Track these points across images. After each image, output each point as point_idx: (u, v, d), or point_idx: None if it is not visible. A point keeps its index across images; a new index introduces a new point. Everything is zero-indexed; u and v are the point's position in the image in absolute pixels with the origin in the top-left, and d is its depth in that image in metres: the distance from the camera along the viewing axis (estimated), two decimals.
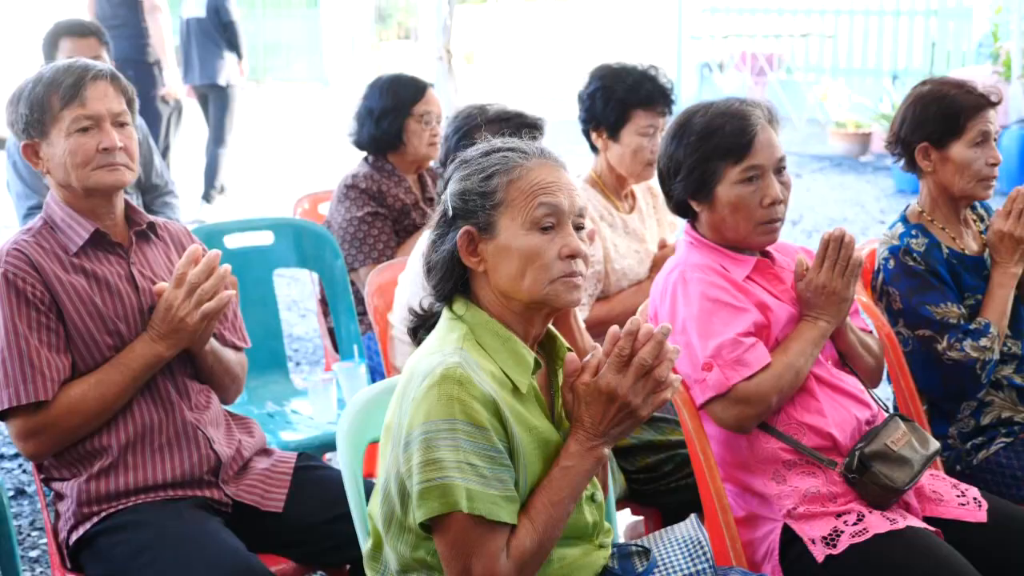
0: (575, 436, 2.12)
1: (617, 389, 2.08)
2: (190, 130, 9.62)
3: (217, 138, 9.28)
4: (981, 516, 2.66)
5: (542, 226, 2.11)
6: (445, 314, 2.19)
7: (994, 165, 3.08)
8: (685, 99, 16.09)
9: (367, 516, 2.25)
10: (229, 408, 3.02)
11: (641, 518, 3.31)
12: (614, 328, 2.13)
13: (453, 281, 2.17)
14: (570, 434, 2.13)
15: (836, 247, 2.68)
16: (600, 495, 2.25)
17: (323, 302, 4.21)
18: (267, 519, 2.77)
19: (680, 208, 2.77)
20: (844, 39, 15.45)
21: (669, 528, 2.36)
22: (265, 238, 3.88)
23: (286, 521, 2.77)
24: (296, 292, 7.38)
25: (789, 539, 2.57)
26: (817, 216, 9.27)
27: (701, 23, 15.99)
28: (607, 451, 2.14)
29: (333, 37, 20.05)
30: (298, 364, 5.87)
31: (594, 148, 3.68)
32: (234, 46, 8.97)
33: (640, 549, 2.29)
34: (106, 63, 5.01)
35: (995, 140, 3.10)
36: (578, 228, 2.16)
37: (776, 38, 15.41)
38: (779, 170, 2.69)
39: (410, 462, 2.03)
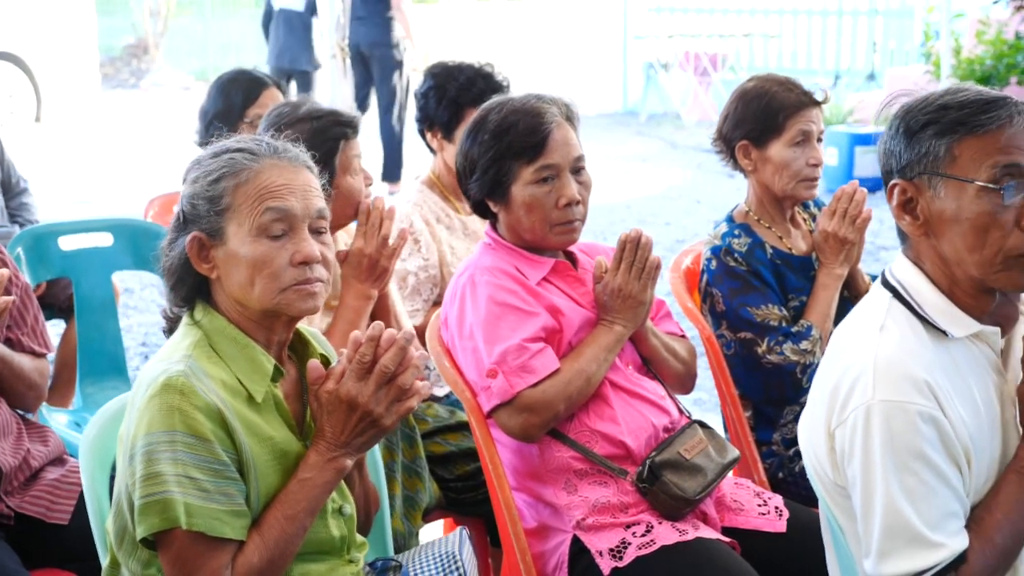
0: (315, 447, 2.04)
1: (358, 397, 2.00)
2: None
3: None
4: (780, 526, 2.58)
5: (271, 232, 2.01)
6: (184, 319, 2.10)
7: (816, 166, 3.01)
8: (631, 99, 16.15)
9: (105, 532, 2.15)
10: (41, 415, 2.93)
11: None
12: (355, 333, 2.04)
13: (188, 286, 2.08)
14: (311, 445, 2.05)
15: (632, 249, 2.60)
16: (350, 508, 2.15)
17: None
18: (53, 532, 2.67)
19: (478, 208, 2.69)
20: (788, 39, 15.44)
21: (432, 542, 2.28)
22: (104, 239, 3.77)
23: (72, 534, 2.67)
24: None
25: (579, 551, 2.48)
26: None
27: (647, 23, 15.95)
28: (349, 462, 2.05)
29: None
30: None
31: (431, 148, 3.59)
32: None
33: (395, 564, 2.20)
34: None
35: (819, 140, 3.03)
36: (317, 232, 2.07)
37: (721, 38, 15.38)
38: (577, 170, 2.60)
39: (134, 476, 1.94)
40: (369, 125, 10.27)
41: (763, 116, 2.99)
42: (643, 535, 2.44)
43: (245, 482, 1.98)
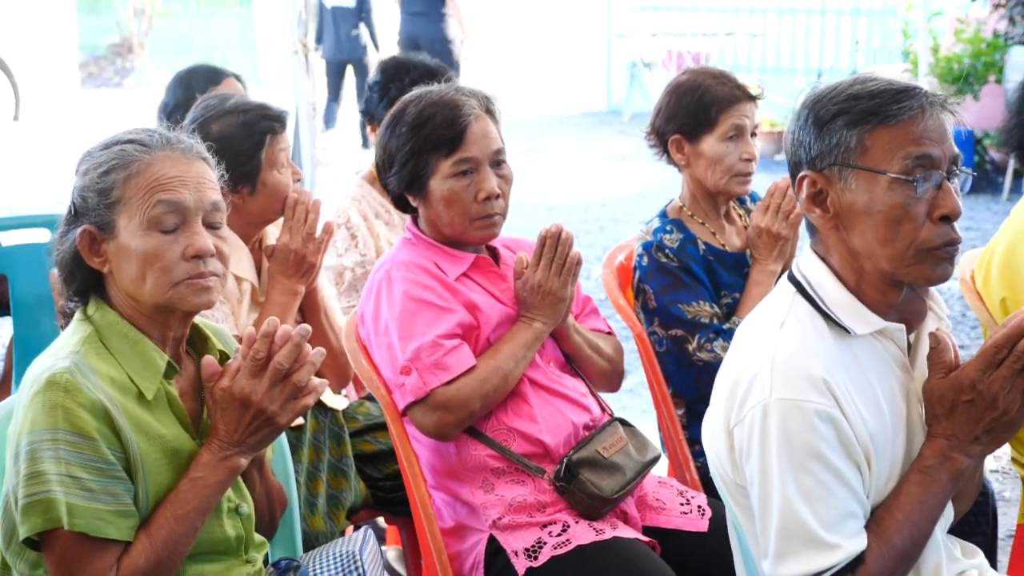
0: (209, 445, 2.00)
1: (251, 395, 1.97)
2: None
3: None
4: (702, 525, 2.54)
5: (162, 225, 1.97)
6: (76, 314, 2.05)
7: (749, 160, 2.96)
8: (615, 98, 16.08)
9: None
10: None
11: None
12: (249, 329, 2.01)
13: (79, 281, 2.03)
14: (205, 443, 2.00)
15: (553, 244, 2.55)
16: (247, 508, 2.11)
17: None
18: None
19: (399, 203, 2.64)
20: (772, 37, 15.39)
21: (335, 541, 2.25)
22: (40, 235, 3.71)
23: None
24: None
25: (495, 551, 2.44)
26: None
27: (631, 21, 15.89)
28: (244, 461, 2.01)
29: (267, 36, 19.84)
30: None
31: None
32: (372, 31, 11.30)
33: (295, 564, 2.16)
34: None
35: (753, 135, 2.98)
36: (212, 225, 2.02)
37: (704, 36, 15.33)
38: (497, 163, 2.56)
39: (18, 475, 1.90)
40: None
41: (696, 110, 2.95)
42: (559, 535, 2.40)
43: (133, 481, 1.94)
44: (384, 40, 11.55)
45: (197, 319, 2.12)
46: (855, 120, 1.92)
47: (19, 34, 13.14)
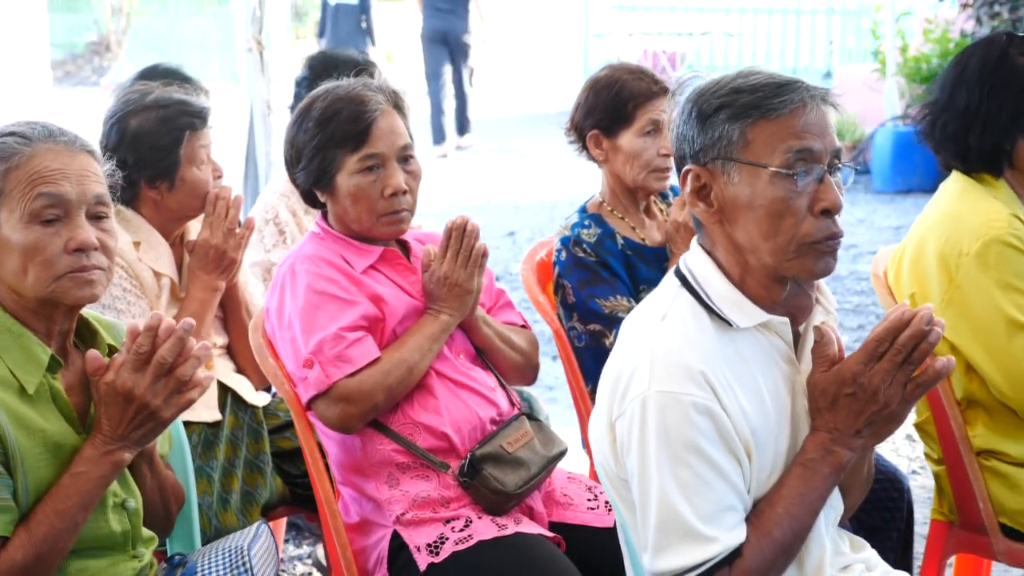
0: (91, 440, 1.99)
1: (134, 389, 1.95)
2: None
3: None
4: (608, 521, 2.53)
5: (43, 218, 1.96)
6: None
7: (666, 156, 2.96)
8: None
9: None
10: None
11: None
12: (132, 323, 2.00)
13: None
14: (88, 438, 1.99)
15: (459, 236, 2.55)
16: (134, 503, 2.09)
17: None
18: None
19: (308, 198, 2.64)
20: (748, 37, 15.43)
21: (226, 537, 2.24)
22: None
23: None
24: None
25: (399, 546, 2.44)
26: None
27: (607, 21, 15.92)
28: (128, 456, 2.00)
29: (247, 35, 19.82)
30: None
31: None
32: (370, 27, 11.78)
33: (184, 560, 2.15)
34: None
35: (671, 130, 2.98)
36: (97, 217, 2.01)
37: (680, 36, 15.36)
38: (405, 159, 2.56)
39: None
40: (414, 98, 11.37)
41: (613, 105, 2.95)
42: (461, 530, 2.40)
43: (12, 476, 1.93)
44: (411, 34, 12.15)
45: (87, 312, 2.11)
46: (737, 114, 1.93)
47: None
